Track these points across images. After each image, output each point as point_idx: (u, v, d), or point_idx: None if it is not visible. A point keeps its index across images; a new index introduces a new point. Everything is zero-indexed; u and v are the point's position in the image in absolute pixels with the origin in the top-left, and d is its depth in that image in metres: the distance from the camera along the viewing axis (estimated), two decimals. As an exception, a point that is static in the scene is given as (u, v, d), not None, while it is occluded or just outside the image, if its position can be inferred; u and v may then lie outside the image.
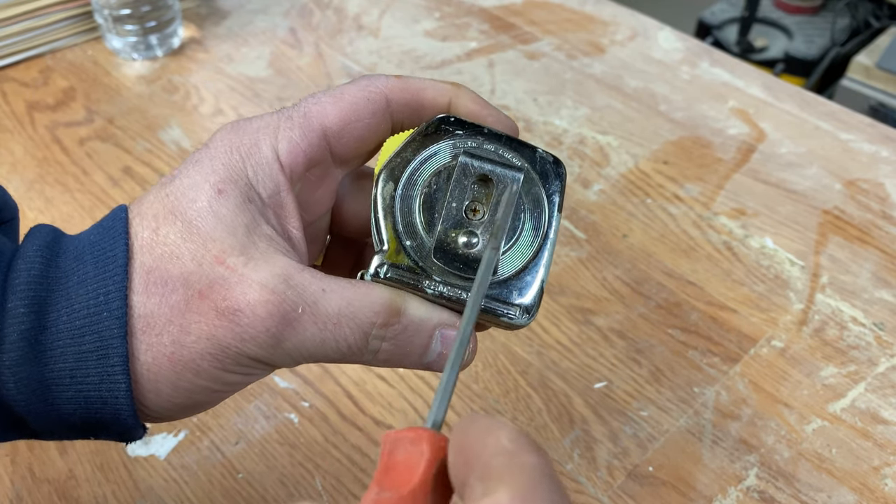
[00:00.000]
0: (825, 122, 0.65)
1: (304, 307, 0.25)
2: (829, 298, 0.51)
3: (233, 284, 0.25)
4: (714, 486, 0.42)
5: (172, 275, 0.25)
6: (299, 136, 0.27)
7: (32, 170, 0.60)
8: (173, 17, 0.71)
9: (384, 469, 0.20)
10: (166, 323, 0.25)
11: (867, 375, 0.47)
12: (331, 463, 0.43)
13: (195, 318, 0.25)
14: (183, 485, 0.42)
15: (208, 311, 0.24)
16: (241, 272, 0.25)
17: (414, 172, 0.28)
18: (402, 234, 0.27)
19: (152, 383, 0.25)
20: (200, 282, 0.25)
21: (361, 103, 0.28)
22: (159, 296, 0.25)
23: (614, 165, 0.61)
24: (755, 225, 0.56)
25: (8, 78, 0.69)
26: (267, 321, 0.24)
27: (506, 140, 0.28)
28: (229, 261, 0.25)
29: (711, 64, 0.72)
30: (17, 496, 0.41)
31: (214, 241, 0.25)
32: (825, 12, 1.66)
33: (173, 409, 0.26)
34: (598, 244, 0.55)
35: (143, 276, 0.25)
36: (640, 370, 0.47)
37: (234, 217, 0.25)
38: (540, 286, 0.28)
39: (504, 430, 0.19)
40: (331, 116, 0.28)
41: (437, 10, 0.79)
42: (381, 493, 0.19)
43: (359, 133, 0.28)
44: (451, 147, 0.28)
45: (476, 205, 0.27)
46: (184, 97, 0.67)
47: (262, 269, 0.25)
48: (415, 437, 0.20)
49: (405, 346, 0.27)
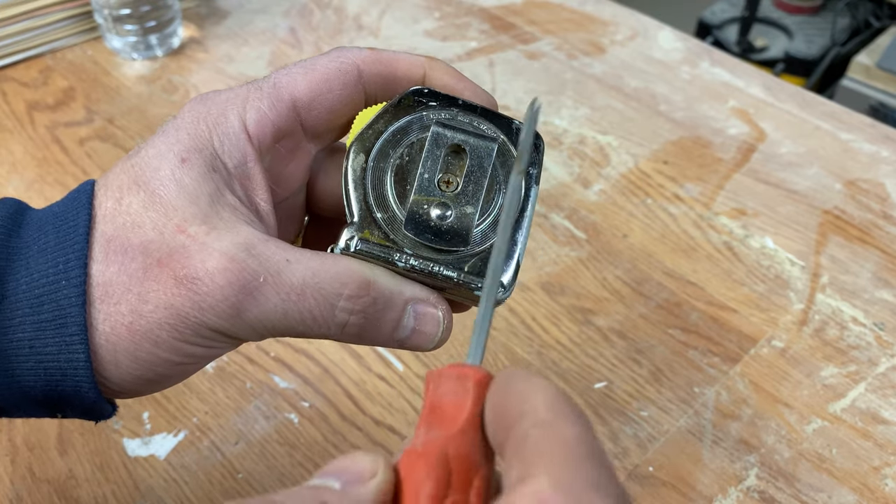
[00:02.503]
0: (825, 122, 0.65)
1: (266, 276, 0.24)
2: (830, 298, 0.51)
3: (193, 253, 0.24)
4: (714, 487, 0.42)
5: (133, 244, 0.25)
6: (268, 106, 0.27)
7: (32, 170, 0.60)
8: (173, 17, 0.71)
9: (430, 408, 0.20)
10: (125, 291, 0.24)
11: (867, 375, 0.47)
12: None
13: (153, 287, 0.24)
14: (183, 485, 0.42)
15: (167, 279, 0.24)
16: (202, 241, 0.24)
17: (386, 144, 0.27)
18: (373, 207, 0.26)
19: (111, 354, 0.24)
20: (160, 250, 0.24)
21: (332, 74, 0.27)
22: (118, 264, 0.24)
23: (614, 165, 0.61)
24: (755, 225, 0.56)
25: (8, 78, 0.69)
26: (226, 290, 0.24)
27: (481, 111, 0.28)
28: (191, 230, 0.24)
29: (711, 64, 0.72)
30: (17, 496, 0.41)
31: (176, 210, 0.25)
32: (825, 12, 1.66)
33: (136, 383, 0.25)
34: (598, 244, 0.55)
35: (104, 244, 0.25)
36: (640, 370, 0.47)
37: (197, 186, 0.25)
38: (517, 261, 0.27)
39: (541, 395, 0.18)
40: (301, 87, 0.27)
41: (437, 10, 0.79)
42: (430, 433, 0.19)
43: (329, 104, 0.28)
44: (425, 119, 0.27)
45: (449, 176, 0.26)
46: (184, 97, 0.67)
47: (224, 238, 0.24)
48: (460, 374, 0.20)
49: (375, 319, 0.26)
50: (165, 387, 0.27)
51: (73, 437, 0.43)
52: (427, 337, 0.27)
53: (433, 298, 0.27)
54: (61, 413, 0.26)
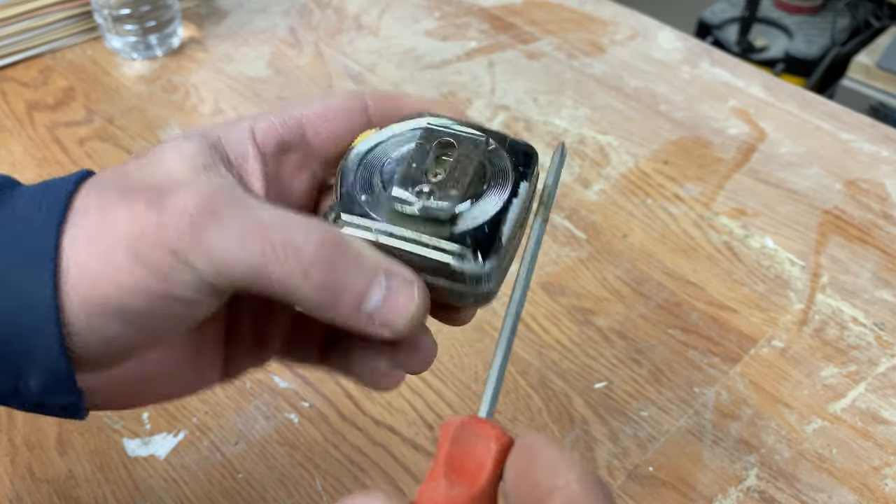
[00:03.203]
0: (825, 122, 0.65)
1: (235, 208, 0.24)
2: (830, 298, 0.51)
3: (171, 187, 0.25)
4: (714, 487, 0.42)
5: (119, 185, 0.25)
6: (278, 121, 0.29)
7: (32, 170, 0.60)
8: (173, 17, 0.71)
9: (448, 460, 0.20)
10: (97, 212, 0.24)
11: (867, 375, 0.47)
12: (331, 463, 0.43)
13: (124, 206, 0.24)
14: (183, 485, 0.42)
15: (139, 203, 0.24)
16: (184, 181, 0.25)
17: (381, 143, 0.29)
18: (359, 190, 0.27)
19: (74, 278, 0.24)
20: (142, 185, 0.25)
21: (342, 103, 0.29)
22: (97, 194, 0.25)
23: (614, 165, 0.61)
24: (755, 225, 0.56)
25: (8, 78, 0.69)
26: (192, 208, 0.24)
27: (476, 126, 0.28)
28: (177, 178, 0.25)
29: (712, 64, 0.72)
30: (17, 496, 0.41)
31: (169, 171, 0.25)
32: (825, 12, 1.66)
33: (97, 330, 0.24)
34: (598, 244, 0.55)
35: (89, 185, 0.25)
36: (640, 370, 0.47)
37: (194, 157, 0.26)
38: (499, 240, 0.26)
39: (574, 472, 0.19)
40: (311, 110, 0.29)
41: (437, 10, 0.79)
42: (453, 488, 0.19)
43: (336, 129, 0.29)
44: (421, 127, 0.28)
45: (437, 170, 0.27)
46: (183, 97, 0.67)
47: (206, 183, 0.25)
48: (481, 431, 0.20)
49: (341, 276, 0.24)
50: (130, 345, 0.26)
51: (72, 438, 0.43)
52: (399, 311, 0.25)
53: (408, 273, 0.26)
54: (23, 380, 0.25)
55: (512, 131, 0.64)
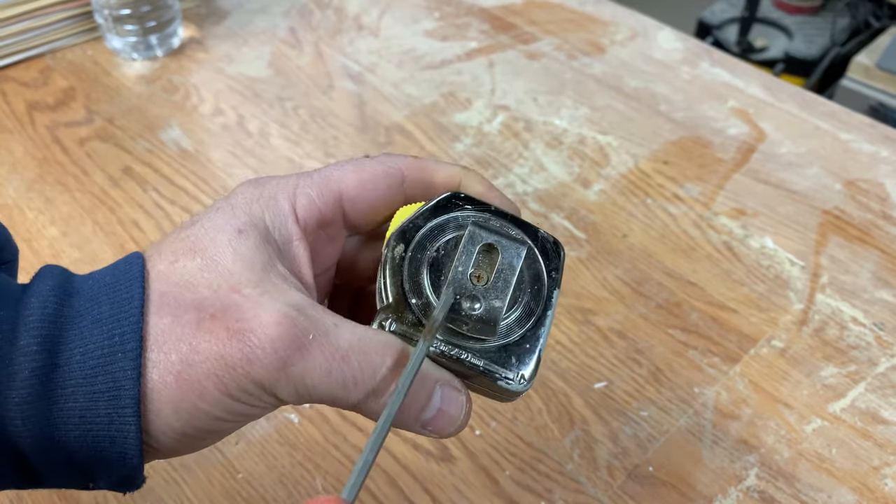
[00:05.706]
0: (825, 122, 0.65)
1: (315, 335, 0.25)
2: (830, 298, 0.51)
3: (247, 309, 0.25)
4: (714, 486, 0.42)
5: (186, 299, 0.25)
6: (317, 194, 0.29)
7: (32, 170, 0.60)
8: (173, 17, 0.71)
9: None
10: (176, 341, 0.25)
11: (867, 375, 0.47)
12: (331, 463, 0.43)
13: (206, 338, 0.25)
14: (183, 485, 0.42)
15: (220, 330, 0.25)
16: (256, 300, 0.25)
17: (424, 238, 0.29)
18: (409, 293, 0.28)
19: (155, 403, 0.25)
20: (214, 306, 0.25)
21: (380, 174, 0.30)
22: (172, 316, 0.25)
23: (614, 165, 0.61)
24: (755, 225, 0.56)
25: (8, 78, 0.69)
26: (276, 342, 0.24)
27: (510, 218, 0.30)
28: (245, 290, 0.25)
29: (711, 64, 0.72)
30: (17, 496, 0.41)
31: (232, 274, 0.26)
32: (825, 12, 1.66)
33: (173, 437, 0.26)
34: (598, 244, 0.55)
35: (157, 299, 0.25)
36: (640, 370, 0.47)
37: (252, 255, 0.26)
38: (538, 355, 0.28)
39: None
40: (350, 182, 0.29)
41: (437, 10, 0.79)
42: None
43: (373, 201, 0.30)
44: (460, 219, 0.30)
45: (480, 272, 0.28)
46: (184, 97, 0.67)
47: (278, 299, 0.25)
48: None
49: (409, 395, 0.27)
50: (201, 446, 0.27)
51: (73, 437, 0.43)
52: (450, 419, 0.28)
53: (457, 383, 0.28)
54: (93, 483, 0.26)
55: (512, 131, 0.64)
